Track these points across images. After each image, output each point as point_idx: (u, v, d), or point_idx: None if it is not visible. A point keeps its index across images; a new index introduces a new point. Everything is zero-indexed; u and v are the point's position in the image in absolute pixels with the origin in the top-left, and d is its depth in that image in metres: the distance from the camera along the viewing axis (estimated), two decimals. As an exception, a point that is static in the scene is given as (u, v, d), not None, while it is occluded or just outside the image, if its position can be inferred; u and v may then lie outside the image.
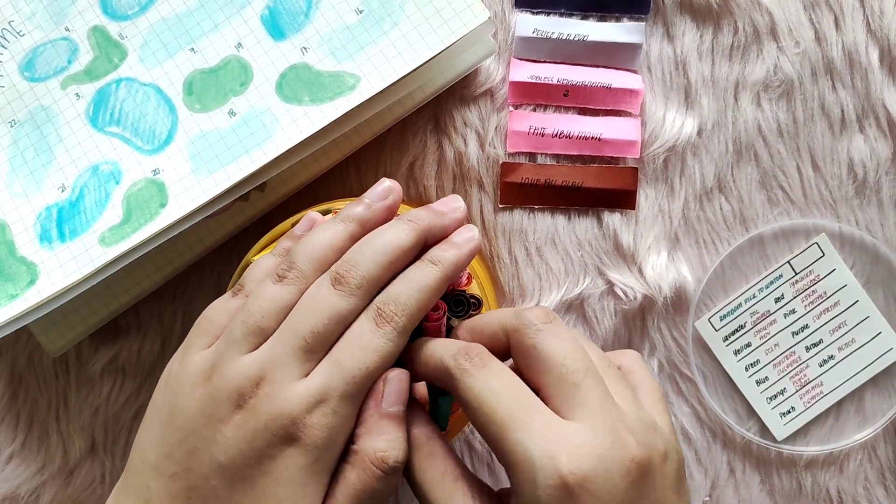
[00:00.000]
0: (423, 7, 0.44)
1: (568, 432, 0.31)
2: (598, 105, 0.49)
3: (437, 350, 0.35)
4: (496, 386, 0.33)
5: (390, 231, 0.36)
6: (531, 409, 0.32)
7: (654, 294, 0.48)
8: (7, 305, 0.42)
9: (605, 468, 0.31)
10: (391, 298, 0.35)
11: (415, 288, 0.35)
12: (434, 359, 0.35)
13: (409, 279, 0.35)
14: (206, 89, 0.45)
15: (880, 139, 0.48)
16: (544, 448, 0.31)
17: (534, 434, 0.31)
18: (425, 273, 0.36)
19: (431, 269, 0.36)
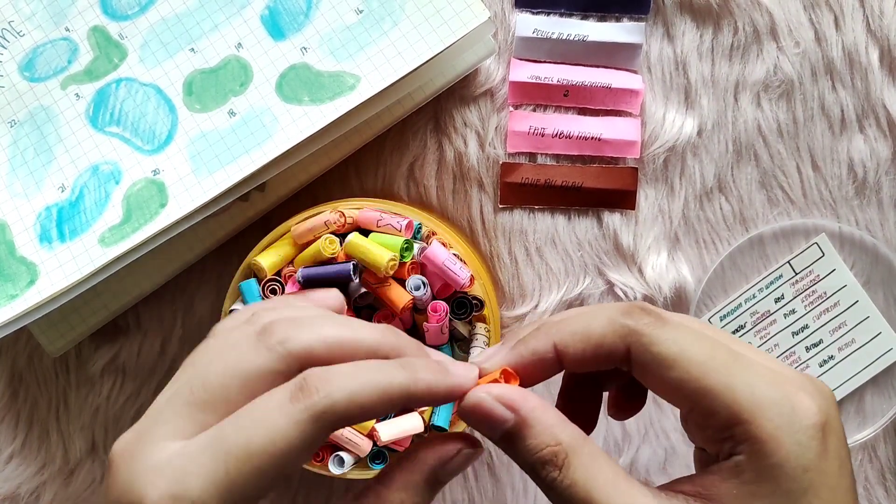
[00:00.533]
0: (423, 7, 0.44)
1: (787, 374, 0.29)
2: (598, 105, 0.49)
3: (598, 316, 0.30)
4: (690, 333, 0.29)
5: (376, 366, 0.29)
6: (736, 353, 0.29)
7: (655, 294, 0.48)
8: (7, 305, 0.42)
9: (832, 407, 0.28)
10: (326, 374, 0.28)
11: (367, 380, 0.28)
12: (601, 325, 0.29)
13: (365, 367, 0.28)
14: (206, 89, 0.45)
15: (880, 139, 0.48)
16: (782, 389, 0.28)
17: (760, 374, 0.28)
18: (387, 373, 0.28)
19: (397, 373, 0.28)
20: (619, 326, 0.29)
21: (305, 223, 0.44)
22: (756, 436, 0.27)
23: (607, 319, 0.29)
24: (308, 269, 0.43)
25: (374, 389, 0.28)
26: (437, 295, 0.44)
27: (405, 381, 0.28)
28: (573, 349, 0.30)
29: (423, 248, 0.44)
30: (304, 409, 0.27)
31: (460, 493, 0.50)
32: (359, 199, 0.45)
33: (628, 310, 0.30)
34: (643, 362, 0.29)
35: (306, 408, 0.27)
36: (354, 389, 0.27)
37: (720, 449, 0.28)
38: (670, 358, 0.28)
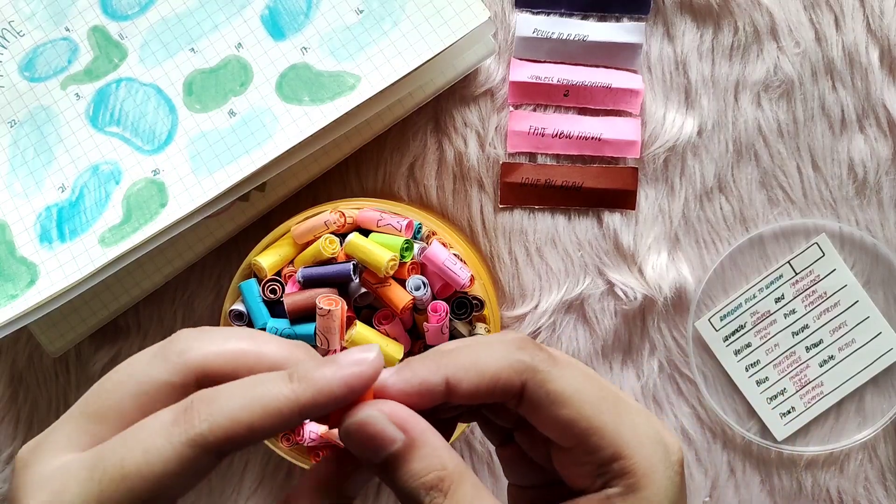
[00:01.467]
0: (423, 7, 0.44)
1: (653, 417, 0.31)
2: (599, 105, 0.49)
3: (493, 350, 0.29)
4: (581, 373, 0.30)
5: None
6: (617, 394, 0.30)
7: (655, 294, 0.48)
8: (7, 305, 0.42)
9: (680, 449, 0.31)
10: (211, 395, 0.26)
11: (250, 398, 0.26)
12: (496, 359, 0.29)
13: (250, 385, 0.26)
14: (206, 89, 0.45)
15: (880, 139, 0.48)
16: (654, 428, 0.30)
17: (638, 415, 0.30)
18: (273, 389, 0.26)
19: (284, 387, 0.26)
20: (516, 362, 0.29)
21: (305, 223, 0.44)
22: (633, 470, 0.29)
23: (503, 354, 0.29)
24: (308, 269, 0.43)
25: (258, 407, 0.26)
26: (437, 295, 0.44)
27: (290, 392, 0.26)
28: (466, 383, 0.28)
29: (423, 248, 0.44)
30: (182, 432, 0.25)
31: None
32: (359, 199, 0.45)
33: (522, 345, 0.29)
34: (536, 398, 0.29)
35: (185, 432, 0.25)
36: (235, 410, 0.25)
37: (591, 483, 0.29)
38: (564, 396, 0.29)
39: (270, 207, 0.49)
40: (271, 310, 0.44)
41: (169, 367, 0.27)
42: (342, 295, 0.43)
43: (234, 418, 0.25)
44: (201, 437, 0.25)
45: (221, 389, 0.26)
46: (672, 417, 0.50)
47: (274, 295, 0.44)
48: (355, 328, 0.43)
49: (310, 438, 0.44)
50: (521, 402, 0.29)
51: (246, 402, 0.26)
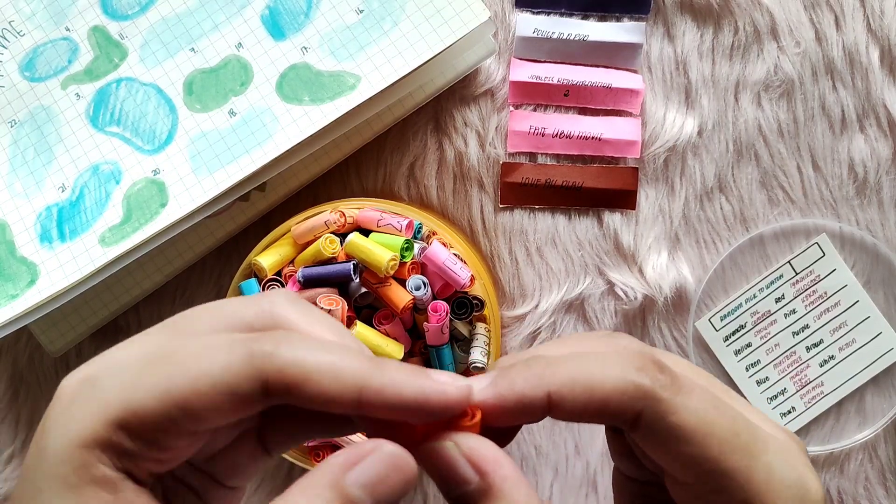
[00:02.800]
0: (423, 7, 0.44)
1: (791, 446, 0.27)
2: (599, 105, 0.49)
3: (606, 367, 0.25)
4: (709, 401, 0.25)
5: None
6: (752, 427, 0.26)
7: (655, 294, 0.48)
8: (7, 305, 0.42)
9: None
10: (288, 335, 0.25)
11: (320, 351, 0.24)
12: (609, 380, 0.25)
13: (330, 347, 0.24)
14: (206, 89, 0.45)
15: (881, 139, 0.48)
16: (796, 471, 0.26)
17: (777, 454, 0.26)
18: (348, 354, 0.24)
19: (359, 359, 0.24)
20: (632, 386, 0.25)
21: (305, 223, 0.44)
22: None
23: (617, 373, 0.25)
24: (308, 269, 0.43)
25: (327, 362, 0.23)
26: (437, 295, 0.44)
27: (365, 369, 0.24)
28: (571, 402, 0.25)
29: (423, 247, 0.44)
30: (245, 344, 0.24)
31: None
32: (359, 199, 0.45)
33: (641, 363, 0.25)
34: (654, 430, 0.25)
35: (248, 345, 0.24)
36: (305, 354, 0.23)
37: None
38: (688, 431, 0.25)
39: (270, 207, 0.49)
40: (271, 310, 0.44)
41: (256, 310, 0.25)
42: (342, 295, 0.43)
43: (298, 359, 0.23)
44: (260, 356, 0.23)
45: (302, 336, 0.25)
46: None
47: (274, 295, 0.44)
48: (355, 328, 0.43)
49: None
50: (636, 428, 0.25)
51: (318, 354, 0.24)
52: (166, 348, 0.24)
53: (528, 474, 0.50)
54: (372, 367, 0.24)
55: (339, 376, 0.23)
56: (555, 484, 0.50)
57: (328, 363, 0.24)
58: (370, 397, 0.23)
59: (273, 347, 0.24)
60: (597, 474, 0.50)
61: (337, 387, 0.23)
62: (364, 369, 0.24)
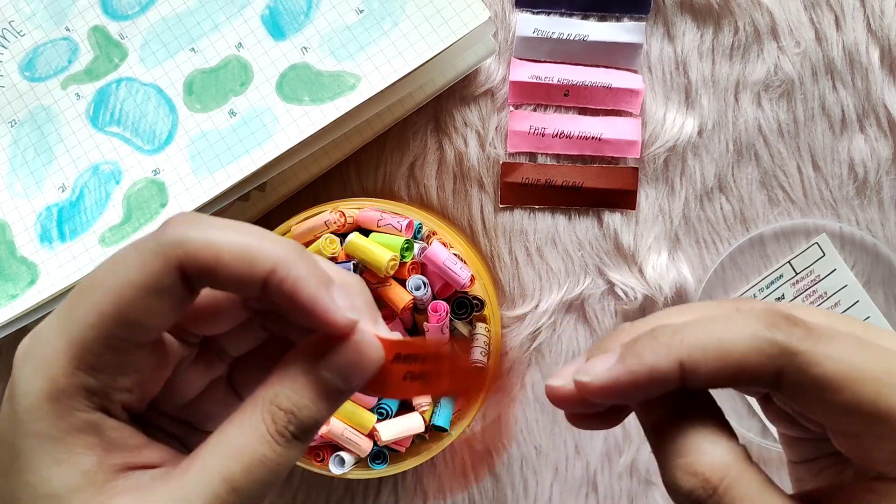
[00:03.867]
0: (423, 7, 0.44)
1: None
2: (599, 105, 0.49)
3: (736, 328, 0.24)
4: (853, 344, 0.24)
5: None
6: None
7: (655, 294, 0.48)
8: (7, 305, 0.42)
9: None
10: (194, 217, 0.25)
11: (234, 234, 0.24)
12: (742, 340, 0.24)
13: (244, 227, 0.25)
14: (206, 89, 0.45)
15: (881, 139, 0.48)
16: None
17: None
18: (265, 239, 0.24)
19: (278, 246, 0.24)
20: (767, 344, 0.24)
21: (305, 223, 0.44)
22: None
23: (749, 333, 0.24)
24: (308, 269, 0.43)
25: (239, 245, 0.23)
26: (437, 295, 0.44)
27: (277, 255, 0.24)
28: (705, 369, 0.24)
29: (423, 247, 0.44)
30: (153, 239, 0.24)
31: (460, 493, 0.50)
32: (359, 199, 0.45)
33: (772, 320, 0.24)
34: (799, 386, 0.24)
35: (156, 238, 0.24)
36: (217, 236, 0.23)
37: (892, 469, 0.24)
38: (838, 380, 0.24)
39: (270, 207, 0.49)
40: (271, 310, 0.44)
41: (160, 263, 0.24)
42: (342, 295, 0.43)
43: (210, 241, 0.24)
44: (168, 248, 0.23)
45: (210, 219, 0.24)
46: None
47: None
48: (355, 328, 0.43)
49: None
50: (779, 388, 0.24)
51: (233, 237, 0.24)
52: (84, 277, 0.25)
53: (528, 474, 0.50)
54: (284, 256, 0.24)
55: (250, 260, 0.23)
56: (555, 484, 0.50)
57: (240, 246, 0.24)
58: (274, 287, 0.24)
59: (182, 234, 0.24)
60: (597, 474, 0.50)
61: (247, 271, 0.23)
62: (276, 257, 0.24)
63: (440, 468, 0.50)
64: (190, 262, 0.23)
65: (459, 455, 0.51)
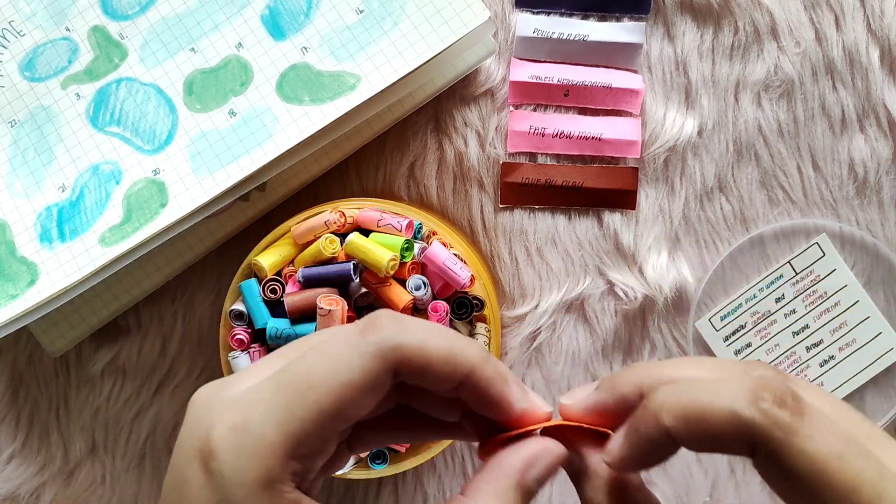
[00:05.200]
0: (423, 7, 0.44)
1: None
2: (599, 105, 0.49)
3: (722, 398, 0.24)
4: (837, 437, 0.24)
5: None
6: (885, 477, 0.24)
7: (655, 294, 0.48)
8: (7, 305, 0.42)
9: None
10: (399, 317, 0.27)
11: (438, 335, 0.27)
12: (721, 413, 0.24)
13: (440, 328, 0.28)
14: (206, 89, 0.45)
15: (881, 139, 0.48)
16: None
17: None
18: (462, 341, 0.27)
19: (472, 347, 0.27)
20: (744, 423, 0.23)
21: (306, 223, 0.44)
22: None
23: (731, 404, 0.24)
24: (308, 269, 0.43)
25: (444, 347, 0.26)
26: (437, 295, 0.44)
27: (477, 357, 0.27)
28: (687, 438, 0.25)
29: (423, 247, 0.44)
30: (370, 342, 0.26)
31: (461, 493, 0.50)
32: (359, 199, 0.45)
33: (757, 392, 0.24)
34: (770, 466, 0.24)
35: (373, 341, 0.26)
36: (425, 338, 0.26)
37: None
38: (802, 478, 0.23)
39: (270, 207, 0.49)
40: (271, 310, 0.44)
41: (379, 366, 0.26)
42: (342, 295, 0.43)
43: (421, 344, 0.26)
44: (389, 349, 0.26)
45: (416, 320, 0.27)
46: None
47: (274, 295, 0.44)
48: (355, 328, 0.43)
49: None
50: (754, 456, 0.24)
51: (436, 337, 0.26)
52: (294, 372, 0.26)
53: (528, 474, 0.50)
54: (483, 357, 0.27)
55: (454, 363, 0.26)
56: (555, 484, 0.50)
57: (446, 349, 0.26)
58: (473, 384, 0.27)
59: (396, 338, 0.26)
60: (597, 474, 0.50)
61: (451, 372, 0.26)
62: (475, 359, 0.27)
63: (440, 468, 0.50)
64: (405, 365, 0.26)
65: (459, 455, 0.51)
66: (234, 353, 0.44)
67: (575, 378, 0.50)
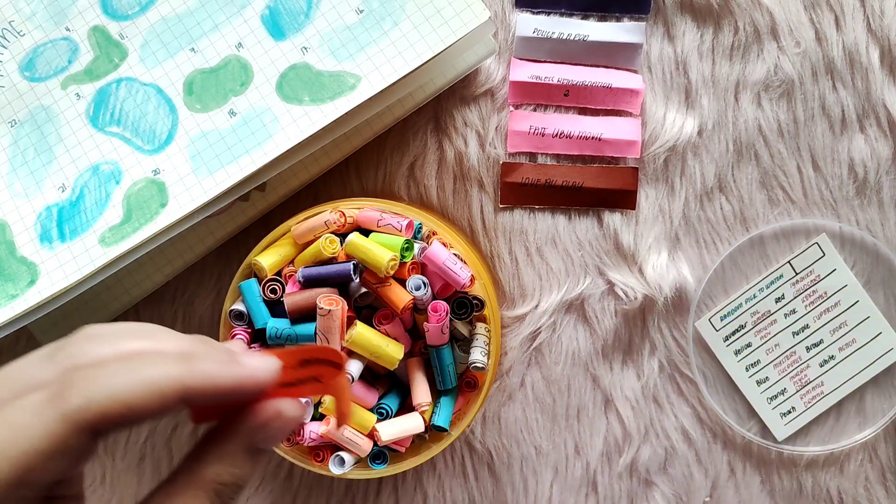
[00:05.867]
0: (423, 7, 0.44)
1: None
2: (599, 105, 0.49)
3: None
4: None
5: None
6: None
7: (655, 294, 0.48)
8: (7, 305, 0.42)
9: None
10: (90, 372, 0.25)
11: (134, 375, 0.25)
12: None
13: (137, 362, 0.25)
14: (206, 89, 0.45)
15: (881, 139, 0.48)
16: None
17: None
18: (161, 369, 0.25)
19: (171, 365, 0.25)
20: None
21: (306, 223, 0.44)
22: None
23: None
24: (308, 269, 0.43)
25: (142, 385, 0.24)
26: (437, 295, 0.44)
27: (179, 373, 0.25)
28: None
29: (423, 247, 0.44)
30: (55, 408, 0.24)
31: (460, 493, 0.50)
32: (359, 199, 0.45)
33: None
34: None
35: (57, 407, 0.24)
36: (117, 387, 0.24)
37: None
38: None
39: (270, 207, 0.49)
40: (271, 310, 0.44)
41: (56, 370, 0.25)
42: (342, 295, 0.43)
43: (112, 395, 0.24)
44: (75, 413, 0.24)
45: (105, 365, 0.25)
46: (672, 417, 0.50)
47: (274, 295, 0.44)
48: (355, 328, 0.43)
49: (310, 438, 0.44)
50: None
51: (130, 379, 0.24)
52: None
53: (527, 474, 0.50)
54: (184, 368, 0.25)
55: (158, 392, 0.25)
56: (555, 484, 0.50)
57: (141, 384, 0.24)
58: (192, 396, 0.25)
59: (81, 397, 0.24)
60: (597, 474, 0.50)
61: (160, 400, 0.25)
62: (178, 375, 0.25)
63: (440, 468, 0.50)
64: (100, 422, 0.24)
65: (459, 455, 0.51)
66: (234, 353, 0.44)
67: (575, 378, 0.50)
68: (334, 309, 0.41)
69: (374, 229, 0.44)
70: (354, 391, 0.44)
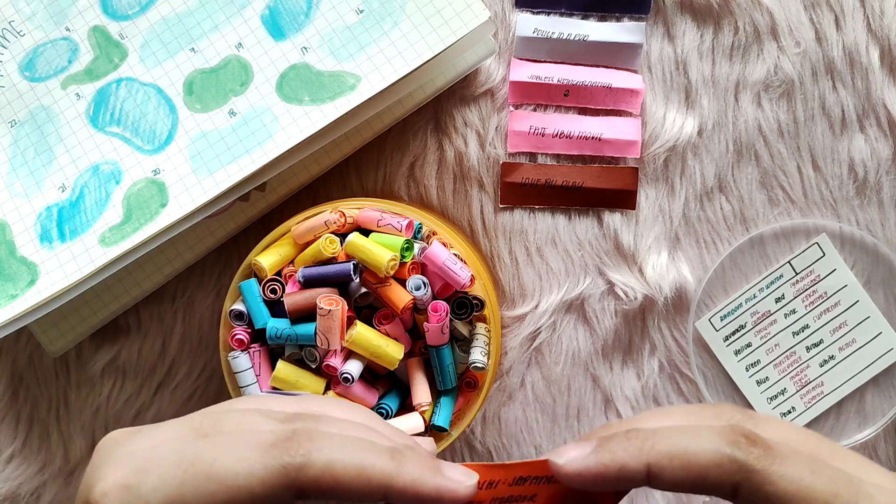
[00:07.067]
0: (423, 7, 0.44)
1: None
2: (599, 105, 0.49)
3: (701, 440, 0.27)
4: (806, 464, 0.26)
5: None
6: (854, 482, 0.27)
7: (655, 294, 0.48)
8: (7, 305, 0.42)
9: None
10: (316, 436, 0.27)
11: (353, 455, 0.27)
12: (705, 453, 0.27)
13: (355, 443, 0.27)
14: (206, 89, 0.45)
15: (881, 139, 0.48)
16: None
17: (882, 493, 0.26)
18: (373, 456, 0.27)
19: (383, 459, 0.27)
20: (727, 460, 0.26)
21: (306, 223, 0.44)
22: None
23: (712, 447, 0.26)
24: (308, 269, 0.43)
25: (354, 467, 0.26)
26: (437, 295, 0.44)
27: (388, 469, 0.27)
28: (669, 474, 0.27)
29: (423, 247, 0.44)
30: (278, 458, 0.26)
31: (461, 493, 0.50)
32: (359, 199, 0.45)
33: (734, 439, 0.27)
34: (754, 501, 0.27)
35: (280, 458, 0.26)
36: (334, 459, 0.26)
37: None
38: (787, 499, 0.26)
39: (270, 207, 0.49)
40: (271, 310, 0.44)
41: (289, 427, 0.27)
42: (342, 295, 0.43)
43: (329, 465, 0.26)
44: (294, 470, 0.26)
45: (327, 434, 0.27)
46: (672, 417, 0.50)
47: (274, 295, 0.44)
48: (356, 328, 0.43)
49: None
50: (736, 498, 0.27)
51: (346, 456, 0.26)
52: (200, 455, 0.26)
53: (528, 474, 0.50)
54: (393, 466, 0.27)
55: (366, 479, 0.26)
56: (555, 484, 0.50)
57: (355, 467, 0.26)
58: (393, 495, 0.27)
59: (303, 458, 0.26)
60: (597, 474, 0.50)
61: (365, 488, 0.26)
62: (388, 470, 0.27)
63: (440, 468, 0.50)
64: (310, 487, 0.26)
65: (459, 455, 0.51)
66: (234, 353, 0.44)
67: (575, 378, 0.50)
68: (334, 309, 0.41)
69: (374, 229, 0.44)
70: (354, 391, 0.44)
